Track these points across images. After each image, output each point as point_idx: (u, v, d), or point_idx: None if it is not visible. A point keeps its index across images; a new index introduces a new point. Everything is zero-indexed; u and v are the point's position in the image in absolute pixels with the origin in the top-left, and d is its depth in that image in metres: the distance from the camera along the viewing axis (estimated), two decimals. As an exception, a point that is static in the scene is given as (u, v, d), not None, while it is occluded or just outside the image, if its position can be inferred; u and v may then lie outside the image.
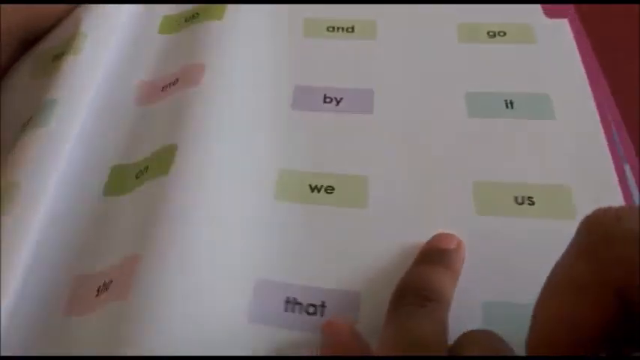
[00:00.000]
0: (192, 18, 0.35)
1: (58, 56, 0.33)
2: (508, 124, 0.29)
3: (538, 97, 0.30)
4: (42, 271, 0.25)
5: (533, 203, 0.26)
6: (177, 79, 0.31)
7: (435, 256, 0.24)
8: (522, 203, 0.26)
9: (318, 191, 0.27)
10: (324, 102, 0.31)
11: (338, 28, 0.34)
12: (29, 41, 0.36)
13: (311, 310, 0.23)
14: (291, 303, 0.24)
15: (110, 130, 0.30)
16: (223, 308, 0.23)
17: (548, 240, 0.21)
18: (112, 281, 0.24)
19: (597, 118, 0.29)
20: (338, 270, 0.25)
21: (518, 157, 0.28)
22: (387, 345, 0.20)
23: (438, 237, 0.25)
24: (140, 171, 0.28)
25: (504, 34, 0.33)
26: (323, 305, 0.24)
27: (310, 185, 0.27)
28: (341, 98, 0.31)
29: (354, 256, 0.25)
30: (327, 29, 0.34)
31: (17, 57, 0.36)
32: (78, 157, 0.29)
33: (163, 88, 0.31)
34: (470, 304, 0.23)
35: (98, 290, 0.24)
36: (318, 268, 0.25)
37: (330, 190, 0.27)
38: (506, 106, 0.29)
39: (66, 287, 0.25)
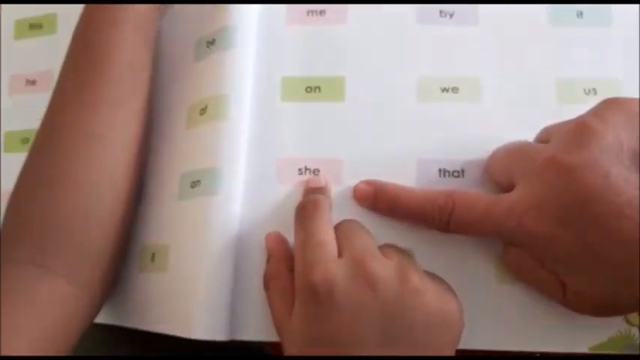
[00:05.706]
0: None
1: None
2: None
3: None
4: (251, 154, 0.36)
5: None
6: (323, 10, 0.39)
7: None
8: None
9: None
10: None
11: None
12: None
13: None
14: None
15: (270, 46, 0.39)
16: None
17: None
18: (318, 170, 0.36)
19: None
20: None
21: None
22: (298, 249, 0.31)
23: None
24: (310, 87, 0.38)
25: None
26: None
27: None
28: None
29: None
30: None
31: None
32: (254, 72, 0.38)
33: (308, 13, 0.40)
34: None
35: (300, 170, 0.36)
36: None
37: None
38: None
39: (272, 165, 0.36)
